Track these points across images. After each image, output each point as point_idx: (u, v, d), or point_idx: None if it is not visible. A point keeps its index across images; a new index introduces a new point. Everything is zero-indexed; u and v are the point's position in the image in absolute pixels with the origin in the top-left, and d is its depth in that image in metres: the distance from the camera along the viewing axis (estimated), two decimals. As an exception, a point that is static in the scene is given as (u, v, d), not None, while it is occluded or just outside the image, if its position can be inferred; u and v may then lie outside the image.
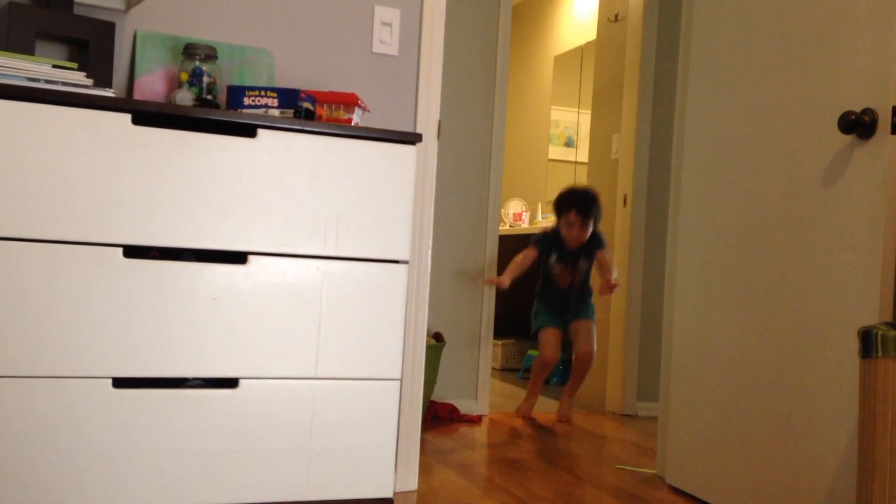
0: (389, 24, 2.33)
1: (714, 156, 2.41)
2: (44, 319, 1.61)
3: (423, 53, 2.36)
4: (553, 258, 3.66)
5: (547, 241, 3.67)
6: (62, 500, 1.63)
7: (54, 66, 1.69)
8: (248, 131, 1.76)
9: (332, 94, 1.96)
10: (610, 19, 4.19)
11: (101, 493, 1.66)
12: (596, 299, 4.25)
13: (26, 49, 1.86)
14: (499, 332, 5.17)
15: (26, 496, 1.61)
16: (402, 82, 2.35)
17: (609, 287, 3.59)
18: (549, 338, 3.68)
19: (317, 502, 1.81)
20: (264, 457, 1.76)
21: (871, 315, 1.82)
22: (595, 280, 3.77)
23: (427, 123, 2.36)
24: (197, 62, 1.96)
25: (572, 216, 3.52)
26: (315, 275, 1.80)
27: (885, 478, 1.50)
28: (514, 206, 5.94)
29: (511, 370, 5.19)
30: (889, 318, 1.79)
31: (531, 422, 3.56)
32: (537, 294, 3.80)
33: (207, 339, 1.72)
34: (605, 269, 3.63)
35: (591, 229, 3.57)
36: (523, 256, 3.65)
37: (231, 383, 1.75)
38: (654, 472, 2.73)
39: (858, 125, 1.86)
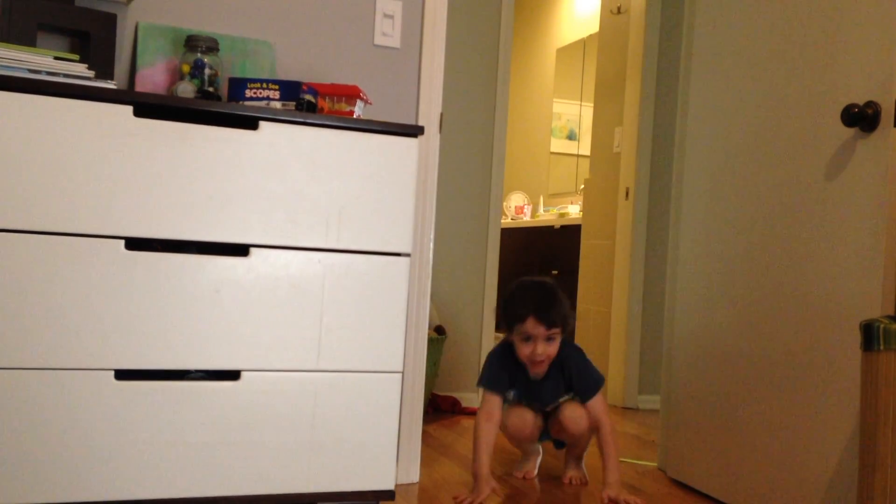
0: (391, 17, 2.32)
1: (716, 149, 2.41)
2: (45, 312, 1.61)
3: (425, 46, 2.36)
4: (511, 395, 2.40)
5: (499, 369, 2.36)
6: (64, 491, 1.63)
7: (56, 58, 1.68)
8: (250, 123, 1.76)
9: (333, 86, 1.95)
10: (612, 11, 4.18)
11: (103, 484, 1.66)
12: (591, 297, 4.24)
13: (28, 41, 1.86)
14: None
15: (28, 487, 1.61)
16: (404, 75, 2.35)
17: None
18: (517, 415, 2.42)
19: (318, 494, 1.81)
20: (266, 449, 1.77)
21: (873, 308, 1.82)
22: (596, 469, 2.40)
23: (429, 116, 2.36)
24: (198, 54, 1.96)
25: (529, 325, 2.24)
26: (317, 267, 1.80)
27: (886, 471, 1.50)
28: (515, 199, 5.93)
29: (512, 363, 5.19)
30: (891, 312, 1.79)
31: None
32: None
33: (209, 332, 1.72)
34: (604, 458, 2.28)
35: (558, 343, 2.29)
36: (486, 419, 2.29)
37: (233, 376, 1.75)
38: (655, 465, 2.73)
39: (861, 118, 1.85)
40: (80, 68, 1.69)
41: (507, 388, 2.37)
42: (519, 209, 5.88)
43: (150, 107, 1.70)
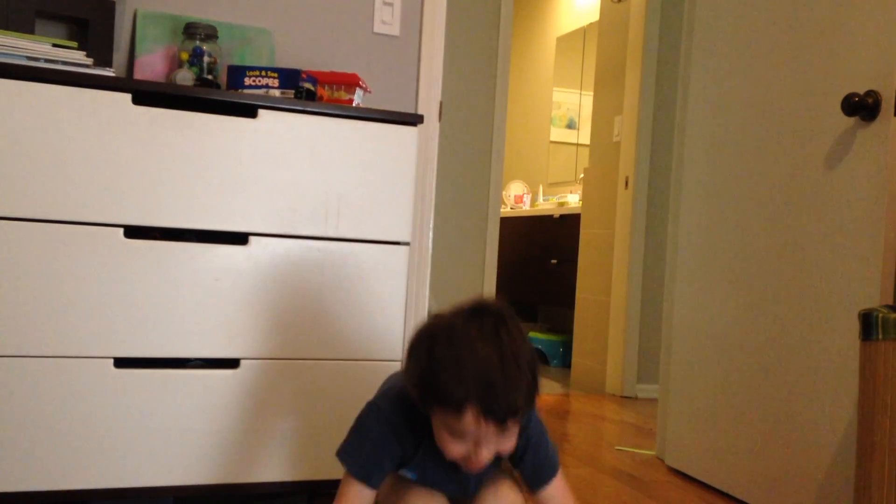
0: (391, 4, 2.31)
1: (716, 137, 2.40)
2: (44, 300, 1.61)
3: (425, 34, 2.35)
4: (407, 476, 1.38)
5: (383, 442, 1.33)
6: (62, 479, 1.64)
7: (54, 45, 1.68)
8: (249, 112, 1.75)
9: (333, 74, 1.95)
10: (613, 0, 4.16)
11: (103, 472, 1.66)
12: (590, 286, 4.24)
13: (26, 28, 1.85)
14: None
15: (27, 475, 1.61)
16: (404, 63, 2.34)
17: None
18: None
19: (319, 482, 1.82)
20: (266, 436, 1.77)
21: (872, 297, 1.82)
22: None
23: (428, 104, 2.35)
24: (197, 42, 1.95)
25: (467, 421, 1.17)
26: (316, 256, 1.80)
27: (883, 460, 1.51)
28: (515, 189, 5.92)
29: (511, 352, 5.19)
30: (890, 301, 1.79)
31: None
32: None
33: (208, 320, 1.72)
34: None
35: (516, 433, 1.24)
36: None
37: (232, 364, 1.75)
38: (653, 453, 2.74)
39: (862, 107, 1.85)
40: (79, 56, 1.69)
41: (387, 472, 1.35)
42: (518, 198, 5.87)
43: (148, 94, 1.69)
